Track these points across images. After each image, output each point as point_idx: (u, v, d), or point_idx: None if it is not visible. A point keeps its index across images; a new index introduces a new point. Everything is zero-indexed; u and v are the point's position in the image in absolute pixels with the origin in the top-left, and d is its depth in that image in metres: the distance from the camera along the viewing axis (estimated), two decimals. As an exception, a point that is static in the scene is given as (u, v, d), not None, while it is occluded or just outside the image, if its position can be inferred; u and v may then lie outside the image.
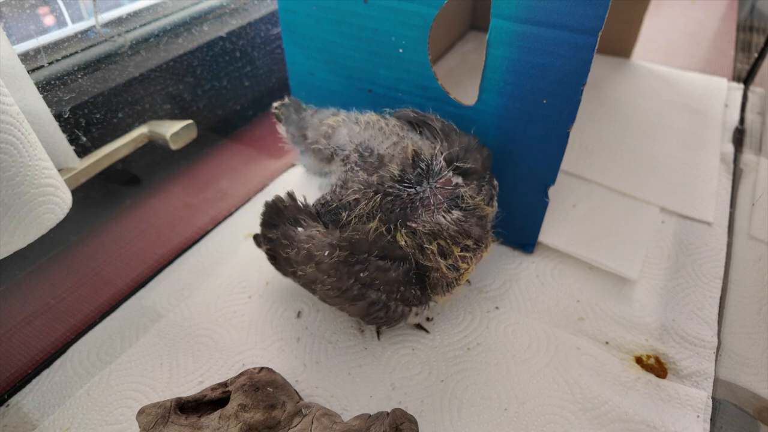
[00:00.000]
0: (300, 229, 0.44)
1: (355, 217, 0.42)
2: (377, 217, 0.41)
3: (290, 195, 0.47)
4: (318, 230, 0.43)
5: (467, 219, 0.42)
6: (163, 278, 0.57)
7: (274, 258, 0.48)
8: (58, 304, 0.54)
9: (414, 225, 0.41)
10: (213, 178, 0.71)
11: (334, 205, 0.44)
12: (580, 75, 0.43)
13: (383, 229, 0.41)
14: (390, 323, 0.44)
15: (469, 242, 0.42)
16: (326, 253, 0.41)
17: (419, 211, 0.41)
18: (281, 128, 0.55)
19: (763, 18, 0.96)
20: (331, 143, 0.48)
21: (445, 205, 0.41)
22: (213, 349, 0.50)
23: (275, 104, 0.56)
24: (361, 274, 0.41)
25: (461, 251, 0.42)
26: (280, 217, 0.46)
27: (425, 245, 0.41)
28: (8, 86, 0.42)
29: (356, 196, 0.42)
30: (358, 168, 0.44)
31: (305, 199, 0.47)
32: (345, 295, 0.42)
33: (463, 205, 0.42)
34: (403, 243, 0.41)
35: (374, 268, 0.41)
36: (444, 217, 0.41)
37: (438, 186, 0.42)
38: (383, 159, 0.43)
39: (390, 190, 0.41)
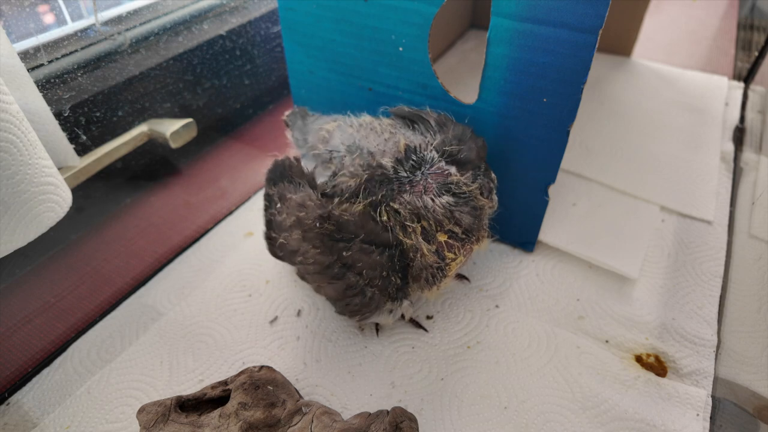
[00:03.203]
0: (292, 195, 0.44)
1: (344, 196, 0.42)
2: (362, 188, 0.41)
3: (296, 158, 0.49)
4: (311, 199, 0.43)
5: (458, 206, 0.42)
6: (163, 277, 0.57)
7: (269, 222, 0.50)
8: (59, 302, 0.54)
9: (396, 206, 0.41)
10: (213, 176, 0.71)
11: (328, 191, 0.44)
12: (581, 73, 0.43)
13: (367, 202, 0.41)
14: (363, 312, 0.43)
15: (457, 230, 0.42)
16: (317, 224, 0.41)
17: (407, 193, 0.41)
18: (289, 134, 0.57)
19: (763, 16, 0.96)
20: (327, 147, 0.49)
21: (436, 189, 0.41)
22: (213, 348, 0.50)
23: (285, 113, 0.58)
24: (344, 253, 0.41)
25: (447, 238, 0.42)
26: (282, 177, 0.48)
27: (407, 223, 0.41)
28: (8, 85, 0.42)
29: (346, 178, 0.43)
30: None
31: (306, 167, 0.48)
32: (326, 272, 0.42)
33: (456, 191, 0.42)
34: (385, 218, 0.41)
35: (357, 249, 0.41)
36: (432, 199, 0.41)
37: (430, 173, 0.42)
38: (374, 156, 0.43)
39: (378, 170, 0.42)
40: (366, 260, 0.41)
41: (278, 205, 0.47)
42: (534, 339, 0.50)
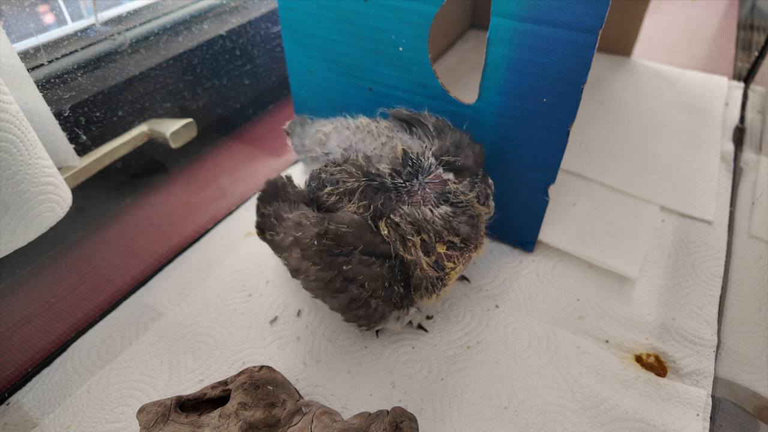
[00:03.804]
0: (288, 215, 0.44)
1: (338, 194, 0.42)
2: (358, 194, 0.41)
3: (288, 178, 0.48)
4: (307, 218, 0.42)
5: (456, 215, 0.41)
6: (163, 277, 0.57)
7: (263, 233, 0.50)
8: (59, 302, 0.54)
9: (397, 219, 0.41)
10: (213, 176, 0.71)
11: (324, 177, 0.44)
12: (581, 73, 0.43)
13: (367, 214, 0.41)
14: (369, 323, 0.44)
15: (456, 240, 0.42)
16: (315, 242, 0.41)
17: (405, 203, 0.41)
18: (289, 141, 0.57)
19: (763, 16, 0.96)
20: (324, 150, 0.49)
21: (434, 199, 0.41)
22: (213, 348, 0.50)
23: (287, 123, 0.59)
24: (344, 267, 0.41)
25: (447, 249, 0.42)
26: (276, 196, 0.47)
27: (407, 237, 0.41)
28: (8, 85, 0.42)
29: (345, 176, 0.42)
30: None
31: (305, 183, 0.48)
32: (328, 286, 0.42)
33: (454, 200, 0.41)
34: (385, 233, 0.41)
35: (357, 262, 0.40)
36: (431, 210, 0.41)
37: (427, 181, 0.42)
38: (371, 160, 0.43)
39: (377, 179, 0.42)
40: (366, 272, 0.41)
41: (275, 225, 0.46)
42: (534, 339, 0.50)
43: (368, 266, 0.41)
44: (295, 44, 0.57)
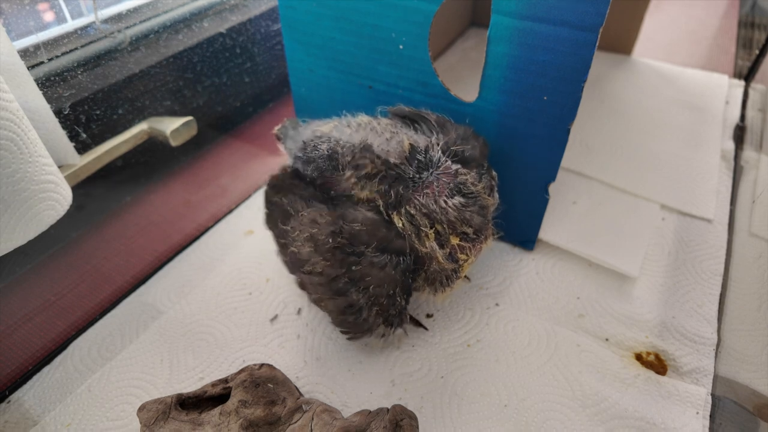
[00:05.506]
0: (303, 211, 0.44)
1: (359, 178, 0.42)
2: (378, 179, 0.41)
3: (301, 176, 0.47)
4: (322, 216, 0.42)
5: (468, 206, 0.41)
6: (163, 275, 0.57)
7: (270, 214, 0.48)
8: (59, 300, 0.54)
9: (412, 211, 0.41)
10: (213, 174, 0.71)
11: (348, 158, 0.43)
12: (581, 72, 0.43)
13: (381, 202, 0.41)
14: (354, 333, 0.44)
15: (469, 231, 0.42)
16: (330, 240, 0.41)
17: (421, 193, 0.41)
18: (281, 146, 0.56)
19: (764, 15, 0.96)
20: None
21: (447, 190, 0.41)
22: (213, 346, 0.50)
23: (276, 128, 0.57)
24: (353, 267, 0.41)
25: (460, 240, 0.42)
26: (293, 187, 0.46)
27: (422, 228, 0.41)
28: (8, 83, 0.42)
29: (365, 161, 0.42)
30: None
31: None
32: (331, 284, 0.41)
33: (466, 191, 0.42)
34: (400, 225, 0.41)
35: (367, 263, 0.40)
36: (445, 201, 0.41)
37: (440, 173, 0.42)
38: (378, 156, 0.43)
39: (395, 169, 0.41)
40: (376, 275, 0.40)
41: (291, 215, 0.45)
42: (534, 337, 0.50)
43: (380, 268, 0.40)
44: (295, 42, 0.57)
